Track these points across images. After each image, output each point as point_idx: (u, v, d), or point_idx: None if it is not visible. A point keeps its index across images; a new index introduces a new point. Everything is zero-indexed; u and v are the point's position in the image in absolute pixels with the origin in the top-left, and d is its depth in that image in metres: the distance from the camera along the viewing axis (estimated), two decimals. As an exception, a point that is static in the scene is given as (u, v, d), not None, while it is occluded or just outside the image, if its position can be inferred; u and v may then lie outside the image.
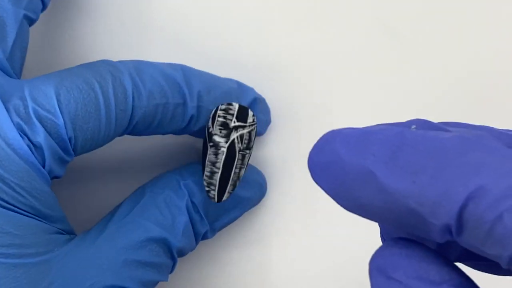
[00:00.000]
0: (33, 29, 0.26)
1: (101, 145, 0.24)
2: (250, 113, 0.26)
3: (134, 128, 0.25)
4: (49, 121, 0.22)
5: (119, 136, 0.25)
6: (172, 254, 0.25)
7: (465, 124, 0.18)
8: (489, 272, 0.19)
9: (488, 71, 0.30)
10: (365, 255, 0.17)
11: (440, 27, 0.30)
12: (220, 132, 0.26)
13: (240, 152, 0.26)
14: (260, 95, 0.30)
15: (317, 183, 0.17)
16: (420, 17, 0.30)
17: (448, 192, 0.14)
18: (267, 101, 0.30)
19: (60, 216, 0.24)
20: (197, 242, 0.27)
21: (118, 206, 0.26)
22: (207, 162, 0.26)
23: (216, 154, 0.26)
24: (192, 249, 0.27)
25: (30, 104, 0.22)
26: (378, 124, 0.17)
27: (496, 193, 0.14)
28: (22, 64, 0.25)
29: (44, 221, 0.23)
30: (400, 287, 0.15)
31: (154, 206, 0.25)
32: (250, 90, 0.29)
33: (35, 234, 0.23)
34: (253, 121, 0.26)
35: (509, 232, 0.14)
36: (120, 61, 0.25)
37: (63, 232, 0.24)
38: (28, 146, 0.22)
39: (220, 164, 0.26)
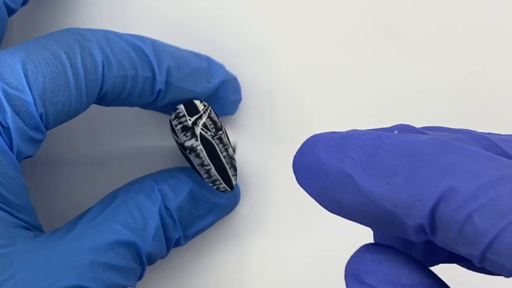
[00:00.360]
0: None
1: (75, 116, 0.24)
2: (196, 102, 0.26)
3: (102, 99, 0.25)
4: (18, 99, 0.22)
5: (91, 104, 0.25)
6: (141, 259, 0.25)
7: (447, 128, 0.18)
8: (481, 272, 0.19)
9: (489, 72, 0.30)
10: (347, 257, 0.18)
11: (441, 28, 0.30)
12: (186, 136, 0.26)
13: (215, 138, 0.26)
14: (230, 74, 0.29)
15: (301, 186, 0.17)
16: (421, 17, 0.30)
17: (421, 194, 0.15)
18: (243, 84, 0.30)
19: (26, 205, 0.24)
20: (169, 248, 0.27)
21: (89, 208, 0.26)
22: (197, 168, 0.26)
23: (198, 156, 0.26)
24: (163, 256, 0.27)
25: None
26: (368, 130, 0.18)
27: (465, 194, 0.14)
28: None
29: (8, 209, 0.23)
30: None
31: (126, 209, 0.25)
32: (220, 69, 0.29)
33: None
34: (204, 106, 0.26)
35: (479, 231, 0.14)
36: (88, 29, 0.25)
37: (29, 226, 0.24)
38: None
39: (207, 161, 0.26)
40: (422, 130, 0.18)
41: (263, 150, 0.31)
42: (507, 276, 0.15)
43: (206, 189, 0.28)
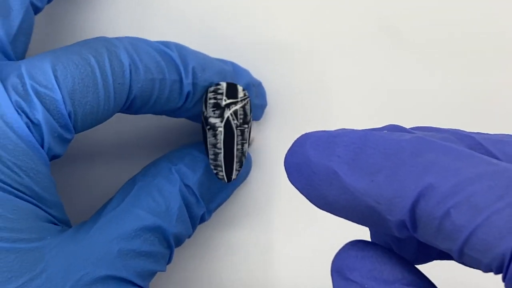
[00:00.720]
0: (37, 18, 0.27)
1: (103, 121, 0.25)
2: (240, 88, 0.27)
3: (131, 104, 0.25)
4: (47, 97, 0.23)
5: (119, 111, 0.25)
6: (168, 242, 0.25)
7: (435, 128, 0.18)
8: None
9: (490, 72, 0.31)
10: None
11: (442, 27, 0.30)
12: (214, 113, 0.26)
13: (238, 128, 0.26)
14: (255, 79, 0.30)
15: (291, 183, 0.18)
16: (422, 16, 0.30)
17: (401, 190, 0.15)
18: (265, 83, 0.30)
19: (55, 201, 0.24)
20: (194, 226, 0.27)
21: (110, 198, 0.26)
22: (208, 146, 0.26)
23: (215, 136, 0.26)
24: (189, 235, 0.27)
25: (28, 81, 0.23)
26: (356, 129, 0.18)
27: (444, 190, 0.15)
28: (25, 50, 0.26)
29: (39, 204, 0.23)
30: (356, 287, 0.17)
31: (146, 194, 0.25)
32: (245, 73, 0.29)
33: (29, 219, 0.23)
34: (245, 95, 0.27)
35: (456, 227, 0.15)
36: (115, 37, 0.25)
37: (57, 221, 0.24)
38: (26, 124, 0.22)
39: (220, 145, 0.26)
40: (411, 130, 0.18)
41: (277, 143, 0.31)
42: (484, 271, 0.15)
43: None
